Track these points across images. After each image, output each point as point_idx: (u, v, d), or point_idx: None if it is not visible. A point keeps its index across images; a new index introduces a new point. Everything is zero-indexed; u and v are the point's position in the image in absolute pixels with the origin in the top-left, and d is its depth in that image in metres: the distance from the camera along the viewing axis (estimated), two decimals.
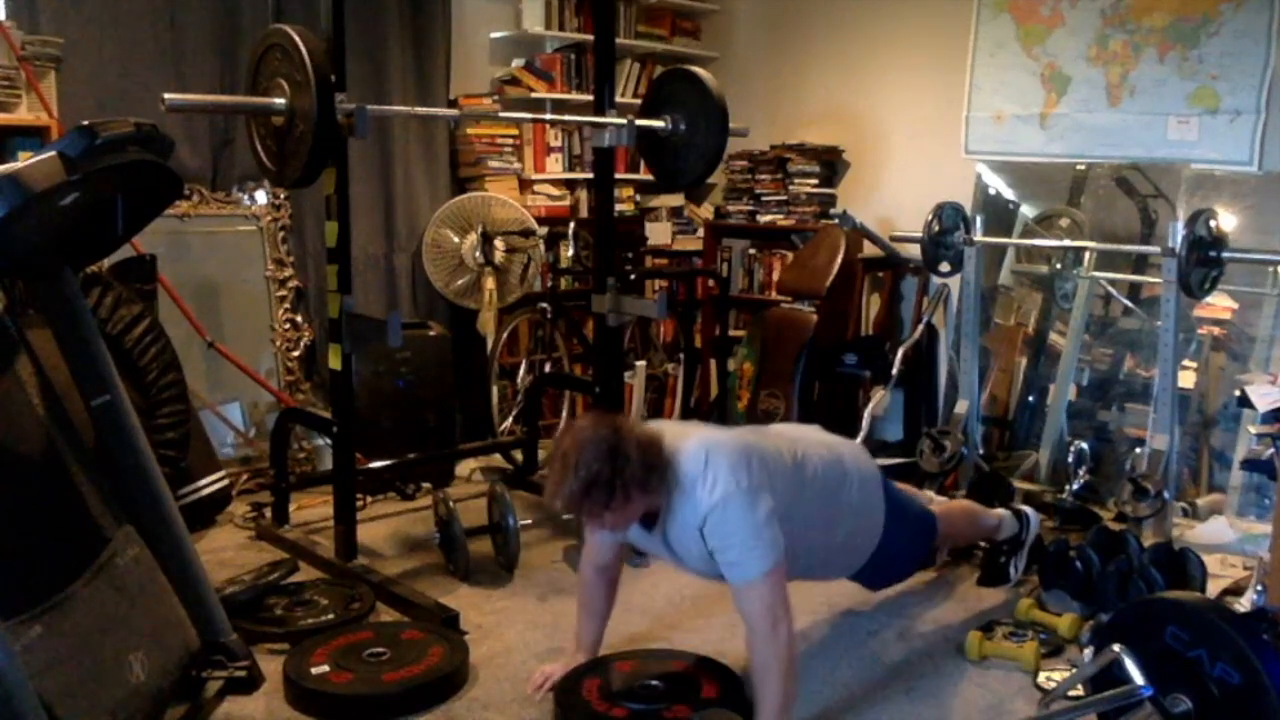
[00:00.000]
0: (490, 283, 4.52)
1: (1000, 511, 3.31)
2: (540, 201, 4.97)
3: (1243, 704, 1.99)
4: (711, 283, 5.21)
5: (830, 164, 5.03)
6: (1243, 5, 3.90)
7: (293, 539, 3.56)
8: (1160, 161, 4.12)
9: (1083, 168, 4.33)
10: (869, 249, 4.60)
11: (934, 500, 3.39)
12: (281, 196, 4.31)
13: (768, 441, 2.56)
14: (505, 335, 4.67)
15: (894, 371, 4.31)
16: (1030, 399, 4.39)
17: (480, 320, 4.53)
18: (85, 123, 2.09)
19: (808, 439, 2.70)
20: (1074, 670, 2.59)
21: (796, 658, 2.33)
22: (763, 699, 2.28)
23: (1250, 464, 3.21)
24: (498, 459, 4.54)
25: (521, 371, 4.84)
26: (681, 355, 5.03)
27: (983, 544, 3.39)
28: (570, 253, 4.69)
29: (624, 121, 3.57)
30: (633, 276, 4.93)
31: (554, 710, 2.52)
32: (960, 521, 3.18)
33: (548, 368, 4.84)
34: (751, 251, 5.30)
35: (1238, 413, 3.76)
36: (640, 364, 4.84)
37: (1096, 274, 4.13)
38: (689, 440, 2.35)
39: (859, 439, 4.15)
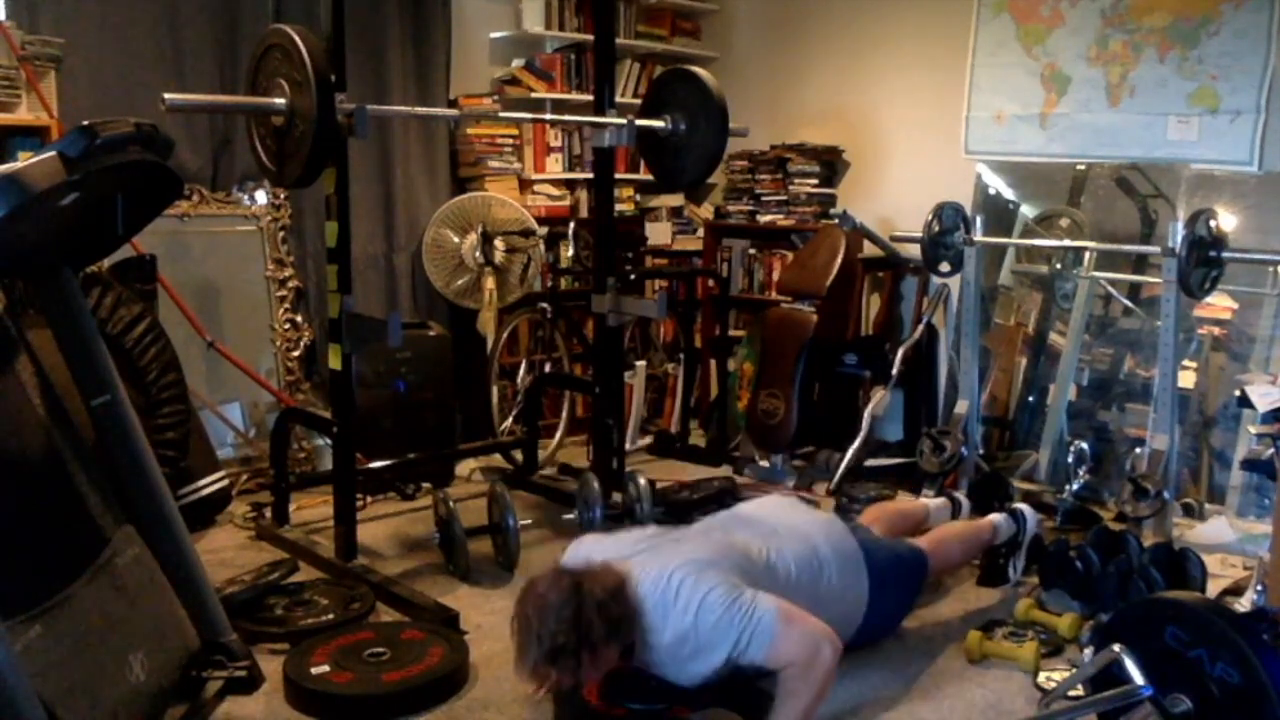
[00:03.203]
0: (490, 283, 4.52)
1: (993, 518, 3.30)
2: (540, 201, 4.97)
3: (1243, 704, 1.98)
4: (711, 283, 5.20)
5: (830, 164, 5.03)
6: (1243, 5, 3.90)
7: (293, 539, 3.56)
8: (1160, 161, 4.12)
9: (1083, 168, 4.33)
10: (869, 249, 4.60)
11: (930, 512, 3.39)
12: (281, 196, 4.31)
13: (737, 539, 2.56)
14: (505, 335, 4.67)
15: (894, 371, 4.32)
16: (1030, 399, 4.39)
17: (480, 320, 4.53)
18: (85, 123, 2.09)
19: (780, 530, 2.68)
20: (1074, 670, 2.59)
21: (832, 682, 2.32)
22: (780, 710, 2.29)
23: (1250, 464, 3.20)
24: (498, 459, 4.53)
25: (521, 371, 4.83)
26: (681, 355, 5.03)
27: None
28: (570, 253, 4.69)
29: (624, 121, 3.57)
30: (633, 276, 4.92)
31: (554, 710, 2.52)
32: (952, 548, 3.15)
33: (548, 368, 4.84)
34: (751, 251, 5.29)
35: (1238, 413, 3.76)
36: (640, 364, 4.85)
37: (1096, 274, 4.13)
38: (651, 571, 2.36)
39: (859, 439, 4.17)
